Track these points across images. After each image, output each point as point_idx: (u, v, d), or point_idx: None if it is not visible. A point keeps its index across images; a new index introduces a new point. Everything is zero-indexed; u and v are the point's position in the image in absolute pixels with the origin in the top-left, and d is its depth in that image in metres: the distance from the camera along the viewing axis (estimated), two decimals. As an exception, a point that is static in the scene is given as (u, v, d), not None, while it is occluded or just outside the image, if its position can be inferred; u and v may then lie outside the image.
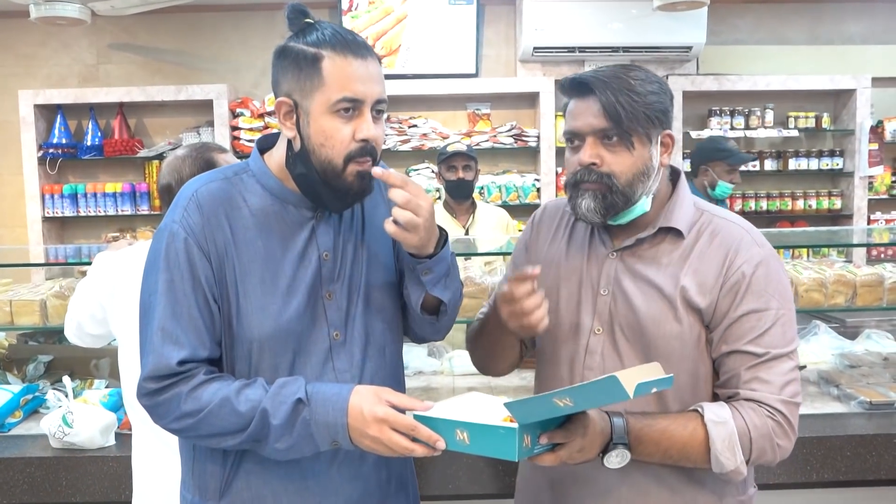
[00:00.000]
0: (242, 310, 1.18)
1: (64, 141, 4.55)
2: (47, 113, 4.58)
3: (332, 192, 1.18)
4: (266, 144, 1.27)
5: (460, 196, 3.27)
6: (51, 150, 4.50)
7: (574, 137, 1.23)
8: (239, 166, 1.26)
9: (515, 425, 1.04)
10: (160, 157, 4.56)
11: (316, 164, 1.17)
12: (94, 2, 3.79)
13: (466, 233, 3.30)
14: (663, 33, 4.36)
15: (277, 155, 1.23)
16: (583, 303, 1.29)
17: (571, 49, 4.44)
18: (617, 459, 1.15)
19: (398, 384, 1.34)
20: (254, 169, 1.24)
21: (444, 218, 3.32)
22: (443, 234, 1.26)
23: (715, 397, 1.27)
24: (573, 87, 1.23)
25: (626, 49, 4.45)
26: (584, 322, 1.29)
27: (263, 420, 1.12)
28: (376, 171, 1.17)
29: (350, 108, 1.14)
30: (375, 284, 1.28)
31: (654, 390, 1.05)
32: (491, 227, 3.33)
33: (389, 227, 1.17)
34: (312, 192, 1.20)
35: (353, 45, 1.15)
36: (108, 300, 1.87)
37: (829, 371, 2.40)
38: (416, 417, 1.10)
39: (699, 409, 1.20)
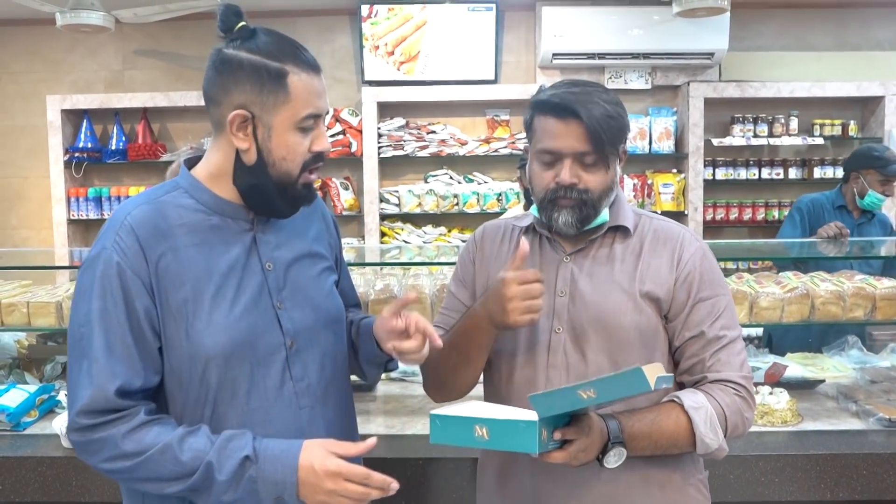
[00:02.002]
0: (193, 329, 1.15)
1: (89, 145, 4.64)
2: (74, 118, 4.68)
3: (284, 199, 1.20)
4: (192, 162, 1.27)
5: None
6: (76, 154, 4.60)
7: (551, 156, 1.29)
8: (169, 185, 1.25)
9: (535, 419, 1.07)
10: (182, 161, 4.62)
11: (273, 176, 1.17)
12: (118, 10, 3.86)
13: None
14: (685, 39, 4.30)
15: (206, 168, 1.23)
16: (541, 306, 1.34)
17: (591, 55, 4.40)
18: (615, 459, 1.20)
19: (348, 395, 1.37)
20: (185, 185, 1.22)
21: None
22: None
23: (678, 387, 1.36)
24: (555, 109, 1.27)
25: (647, 55, 4.40)
26: (542, 324, 1.33)
27: (208, 473, 1.09)
28: None
29: (311, 124, 1.17)
30: (321, 294, 1.30)
31: (665, 385, 1.12)
32: None
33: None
34: (263, 201, 1.20)
35: (312, 61, 1.17)
36: None
37: (849, 386, 2.34)
38: (434, 417, 1.13)
39: (676, 399, 1.28)
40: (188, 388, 1.18)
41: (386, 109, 4.63)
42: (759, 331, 3.21)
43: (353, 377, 2.38)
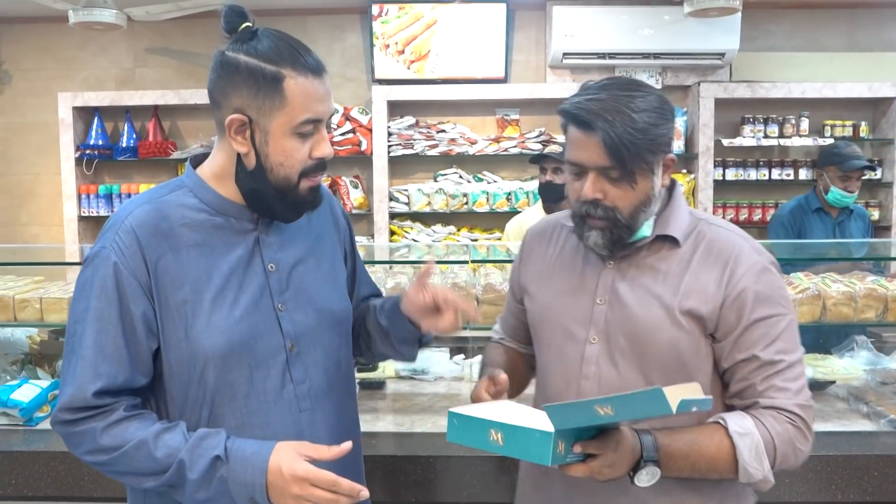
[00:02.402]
0: (192, 329, 1.15)
1: (100, 142, 4.67)
2: (85, 115, 4.70)
3: (285, 205, 1.18)
4: (198, 160, 1.25)
5: (550, 198, 3.27)
6: (87, 152, 4.62)
7: (577, 168, 1.22)
8: (173, 184, 1.23)
9: (551, 430, 1.04)
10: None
11: (272, 181, 1.15)
12: (130, 7, 3.88)
13: None
14: (695, 39, 4.29)
15: (211, 168, 1.21)
16: (577, 313, 1.30)
17: (602, 55, 4.39)
18: (647, 477, 1.13)
19: (351, 397, 1.35)
20: (189, 184, 1.21)
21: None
22: None
23: (725, 408, 1.27)
24: (574, 119, 1.20)
25: (657, 55, 4.39)
26: (578, 332, 1.28)
27: (180, 471, 1.10)
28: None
29: (311, 129, 1.15)
30: (326, 295, 1.27)
31: (695, 409, 1.04)
32: None
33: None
34: (264, 205, 1.19)
35: (312, 64, 1.13)
36: None
37: (860, 387, 2.33)
38: (452, 415, 1.11)
39: (721, 421, 1.20)
40: (187, 389, 1.18)
41: (396, 108, 4.63)
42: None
43: (364, 374, 2.38)
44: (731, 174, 4.57)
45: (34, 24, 4.74)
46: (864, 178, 3.40)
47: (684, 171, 4.63)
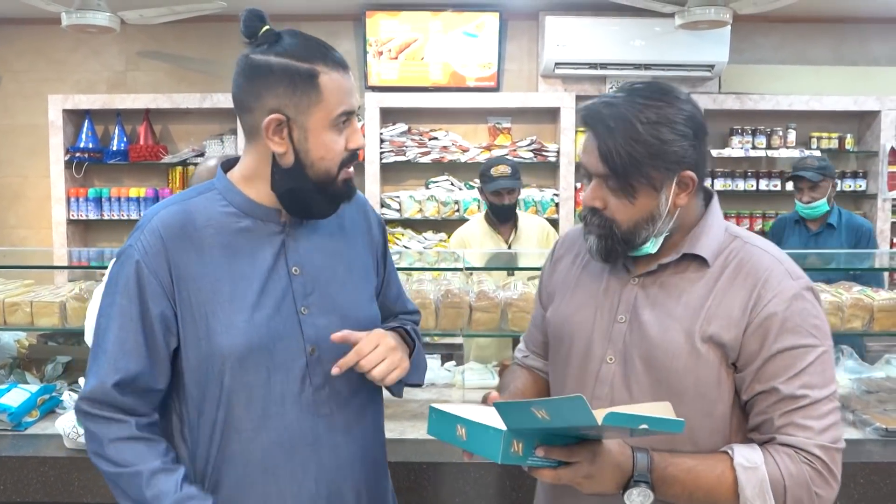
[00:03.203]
0: (212, 328, 1.17)
1: (91, 145, 4.64)
2: (75, 118, 4.68)
3: (324, 198, 1.20)
4: (228, 165, 1.27)
5: (504, 220, 3.30)
6: (77, 154, 4.59)
7: (584, 170, 1.19)
8: (203, 186, 1.25)
9: (504, 429, 1.04)
10: (184, 163, 4.63)
11: (312, 176, 1.17)
12: (123, 10, 3.87)
13: (509, 247, 3.31)
14: (686, 51, 4.34)
15: (241, 171, 1.23)
16: (597, 330, 1.23)
17: (593, 65, 4.44)
18: (639, 499, 1.07)
19: (376, 405, 1.34)
20: (219, 187, 1.24)
21: (486, 232, 3.32)
22: (409, 338, 1.33)
23: (743, 440, 1.19)
24: (581, 119, 1.17)
25: (648, 66, 4.44)
26: (595, 350, 1.22)
27: None
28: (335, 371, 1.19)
29: (345, 121, 1.18)
30: (352, 301, 1.27)
31: (644, 426, 0.97)
32: (534, 239, 3.33)
33: (381, 376, 1.20)
34: (301, 203, 1.20)
35: (340, 59, 1.17)
36: None
37: (845, 396, 2.36)
38: (432, 409, 1.12)
39: (728, 452, 1.12)
40: (205, 388, 1.19)
41: (388, 115, 4.65)
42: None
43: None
44: (719, 184, 4.62)
45: (25, 26, 4.71)
46: (822, 185, 3.40)
47: (673, 180, 4.67)
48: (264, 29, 1.17)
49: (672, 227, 1.18)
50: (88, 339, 2.09)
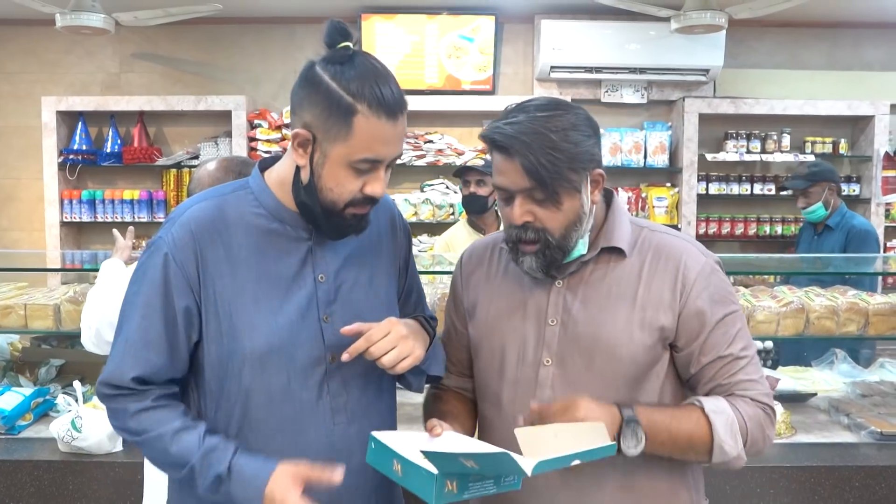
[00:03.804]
0: (235, 327, 1.17)
1: (84, 147, 4.62)
2: (69, 119, 4.65)
3: (330, 225, 1.19)
4: (267, 165, 1.27)
5: (473, 210, 3.29)
6: (71, 156, 4.57)
7: (503, 192, 1.20)
8: (237, 184, 1.25)
9: (435, 472, 1.02)
10: (178, 165, 4.62)
11: (320, 200, 1.16)
12: (118, 12, 3.86)
13: None
14: (681, 55, 4.36)
15: (278, 174, 1.22)
16: (529, 336, 1.25)
17: (588, 69, 4.45)
18: (633, 441, 1.13)
19: (391, 416, 1.34)
20: (253, 186, 1.23)
21: (469, 234, 3.33)
22: (428, 325, 1.32)
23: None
24: (492, 144, 1.18)
25: (643, 70, 4.46)
26: (530, 355, 1.25)
27: (191, 476, 1.15)
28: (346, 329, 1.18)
29: (368, 167, 1.14)
30: (374, 311, 1.25)
31: (576, 462, 1.02)
32: None
33: (390, 364, 1.18)
34: (312, 220, 1.20)
35: (391, 106, 1.12)
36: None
37: (841, 400, 2.37)
38: (371, 438, 1.12)
39: (696, 402, 1.21)
40: (223, 384, 1.19)
41: (383, 118, 4.64)
42: (769, 344, 3.15)
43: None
44: (714, 188, 4.64)
45: (19, 27, 4.69)
46: (806, 194, 3.54)
47: (668, 184, 4.69)
48: (342, 44, 1.14)
49: (588, 238, 1.25)
50: (85, 340, 2.07)
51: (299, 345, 1.19)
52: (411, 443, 1.10)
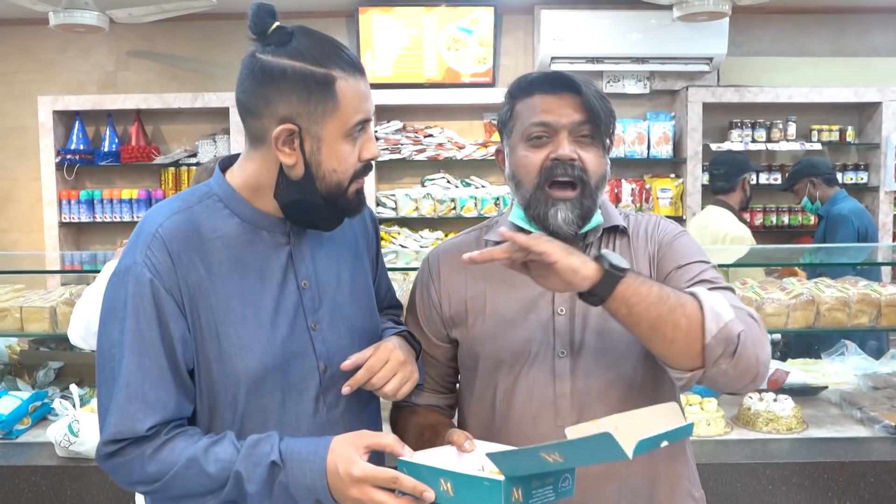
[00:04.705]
0: (224, 351, 1.08)
1: (81, 147, 4.58)
2: (66, 119, 4.61)
3: (332, 212, 1.12)
4: (228, 163, 1.18)
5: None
6: (68, 156, 4.53)
7: (544, 133, 1.17)
8: (201, 191, 1.15)
9: (502, 477, 0.96)
10: (176, 164, 4.58)
11: (321, 189, 1.09)
12: (112, 9, 3.81)
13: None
14: (683, 44, 4.30)
15: (244, 179, 1.14)
16: (536, 328, 1.20)
17: (590, 59, 4.39)
18: (617, 256, 1.06)
19: (377, 415, 1.29)
20: (219, 193, 1.14)
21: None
22: (413, 339, 1.25)
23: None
24: (547, 82, 1.18)
25: (645, 59, 4.40)
26: (543, 348, 1.19)
27: (238, 485, 1.03)
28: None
29: (360, 130, 1.09)
30: (357, 310, 1.21)
31: (665, 444, 0.93)
32: None
33: (393, 393, 1.13)
34: (306, 215, 1.13)
35: (356, 62, 1.08)
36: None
37: (852, 392, 2.33)
38: (401, 464, 1.03)
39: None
40: (215, 412, 1.12)
41: (383, 112, 4.60)
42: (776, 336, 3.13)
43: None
44: (718, 178, 4.59)
45: (13, 26, 4.65)
46: (794, 190, 3.83)
47: (672, 175, 4.64)
48: (274, 26, 1.06)
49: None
50: (72, 333, 2.03)
51: (293, 359, 1.13)
52: (443, 460, 1.04)
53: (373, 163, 1.14)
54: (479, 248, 1.26)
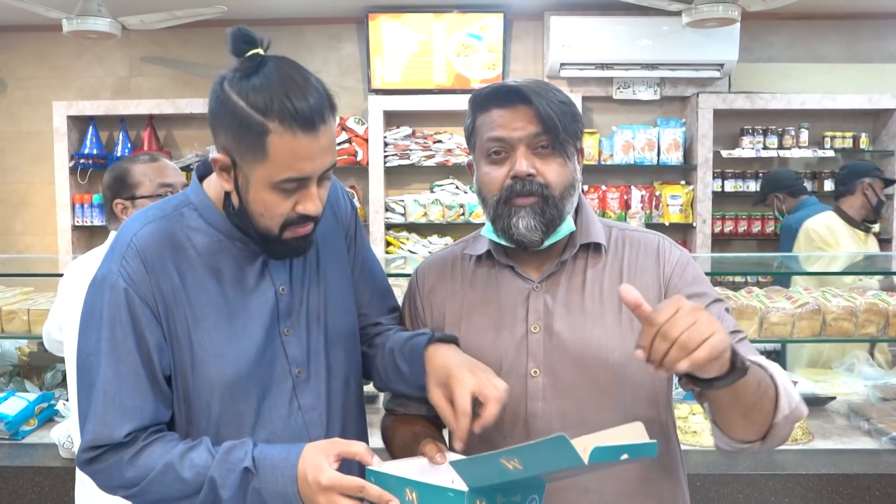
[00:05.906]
0: (198, 359, 1.09)
1: (95, 151, 4.64)
2: (80, 124, 4.68)
3: (269, 248, 1.12)
4: (206, 170, 1.18)
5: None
6: (82, 161, 4.60)
7: (501, 148, 1.14)
8: (178, 200, 1.15)
9: (464, 489, 0.95)
10: (188, 168, 4.61)
11: (254, 225, 1.09)
12: (124, 16, 3.86)
13: None
14: (694, 50, 4.27)
15: (215, 189, 1.14)
16: (510, 346, 1.17)
17: (599, 65, 4.38)
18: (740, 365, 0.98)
19: (361, 416, 1.29)
20: (195, 202, 1.14)
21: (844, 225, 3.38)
22: None
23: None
24: (500, 96, 1.14)
25: (655, 66, 4.37)
26: (516, 367, 1.16)
27: (213, 490, 1.04)
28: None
29: (295, 186, 1.06)
30: (335, 313, 1.21)
31: (625, 457, 0.90)
32: None
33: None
34: (252, 240, 1.13)
35: (306, 118, 1.01)
36: (60, 308, 1.92)
37: (860, 404, 2.29)
38: (369, 473, 1.03)
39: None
40: (191, 419, 1.13)
41: (392, 118, 4.61)
42: (777, 346, 3.11)
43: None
44: (729, 186, 4.55)
45: (29, 33, 4.72)
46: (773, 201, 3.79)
47: (683, 182, 4.61)
48: (250, 53, 1.05)
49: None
50: (48, 343, 2.06)
51: (266, 364, 1.13)
52: (412, 470, 1.03)
53: (312, 217, 1.09)
54: (462, 263, 1.26)
